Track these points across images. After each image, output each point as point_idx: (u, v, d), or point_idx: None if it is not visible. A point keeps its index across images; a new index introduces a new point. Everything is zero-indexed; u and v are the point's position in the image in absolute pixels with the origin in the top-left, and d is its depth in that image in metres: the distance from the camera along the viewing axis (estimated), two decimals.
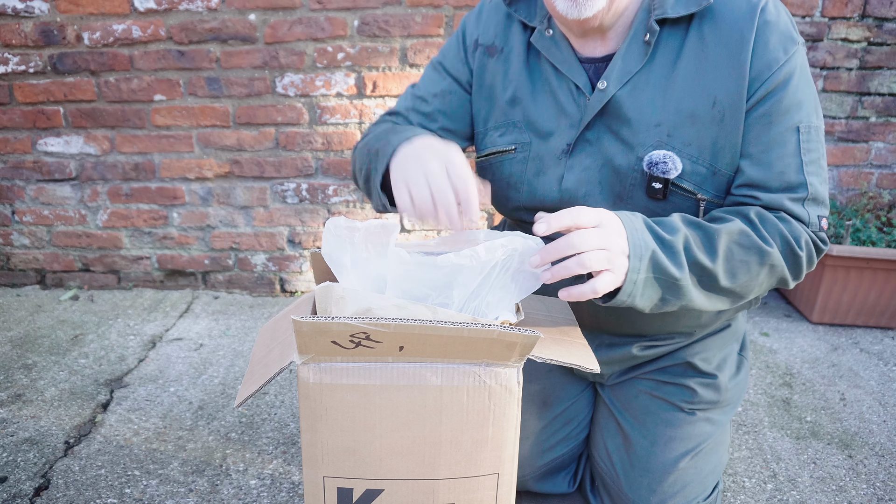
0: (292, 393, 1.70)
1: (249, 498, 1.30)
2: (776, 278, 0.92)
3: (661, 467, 1.08)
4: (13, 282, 2.46)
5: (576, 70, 1.00)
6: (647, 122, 0.96)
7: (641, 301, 0.84)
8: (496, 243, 0.82)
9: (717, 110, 0.93)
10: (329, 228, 0.82)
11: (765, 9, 0.92)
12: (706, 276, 0.87)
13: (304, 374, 0.74)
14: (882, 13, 2.08)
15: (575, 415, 1.20)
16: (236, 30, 2.12)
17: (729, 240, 0.87)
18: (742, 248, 0.88)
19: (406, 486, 0.80)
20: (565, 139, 1.02)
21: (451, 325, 0.70)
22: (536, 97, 1.05)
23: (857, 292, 2.04)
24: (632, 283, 0.81)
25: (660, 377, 1.14)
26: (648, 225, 0.85)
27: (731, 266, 0.88)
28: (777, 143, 0.92)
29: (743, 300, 0.94)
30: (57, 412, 1.58)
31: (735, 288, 0.90)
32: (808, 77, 0.94)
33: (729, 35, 0.92)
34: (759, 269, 0.89)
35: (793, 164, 0.92)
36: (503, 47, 1.08)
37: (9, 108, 2.23)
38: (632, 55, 0.96)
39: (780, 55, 0.91)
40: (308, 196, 2.32)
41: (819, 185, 0.94)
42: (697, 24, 0.94)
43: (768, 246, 0.88)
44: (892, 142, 2.23)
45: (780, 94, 0.91)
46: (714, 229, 0.88)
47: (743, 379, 1.18)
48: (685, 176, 0.96)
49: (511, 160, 1.08)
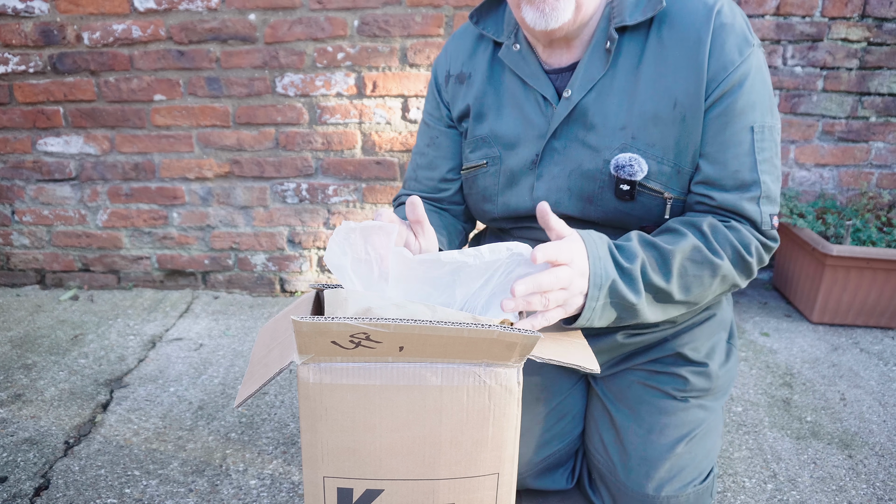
0: (292, 393, 1.70)
1: (249, 498, 1.30)
2: (728, 285, 1.00)
3: (658, 454, 1.09)
4: (13, 282, 2.46)
5: (542, 81, 1.05)
6: (611, 126, 1.00)
7: (599, 322, 0.91)
8: (501, 245, 0.82)
9: (678, 111, 0.97)
10: (334, 237, 0.83)
11: (720, 11, 0.95)
12: (661, 294, 0.94)
13: (304, 374, 0.74)
14: (882, 13, 2.08)
15: (569, 409, 1.21)
16: (236, 30, 2.12)
17: (682, 258, 0.94)
18: (695, 264, 0.94)
19: (406, 486, 0.80)
20: (533, 150, 1.07)
21: (451, 325, 0.70)
22: (502, 111, 1.10)
23: (858, 292, 2.04)
24: (590, 310, 0.88)
25: (651, 367, 1.15)
26: (612, 252, 0.91)
27: (684, 282, 0.95)
28: (732, 143, 0.97)
29: (695, 307, 1.02)
30: (57, 412, 1.58)
31: (689, 299, 0.97)
32: (763, 77, 0.98)
33: (686, 37, 0.96)
34: (711, 280, 0.96)
35: (747, 163, 0.97)
36: (471, 73, 1.14)
37: (9, 108, 2.23)
38: (594, 63, 1.00)
39: (736, 57, 0.94)
40: (308, 196, 2.32)
41: (772, 184, 0.98)
42: (656, 28, 0.98)
43: (719, 259, 0.95)
44: (892, 142, 2.23)
45: (735, 94, 0.95)
46: (668, 251, 0.93)
47: (733, 366, 1.21)
48: (651, 176, 1.00)
49: (484, 174, 1.13)
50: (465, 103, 1.15)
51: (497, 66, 1.11)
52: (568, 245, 0.85)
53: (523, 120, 1.07)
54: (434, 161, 1.21)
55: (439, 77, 1.20)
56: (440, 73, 1.20)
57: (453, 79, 1.17)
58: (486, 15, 1.12)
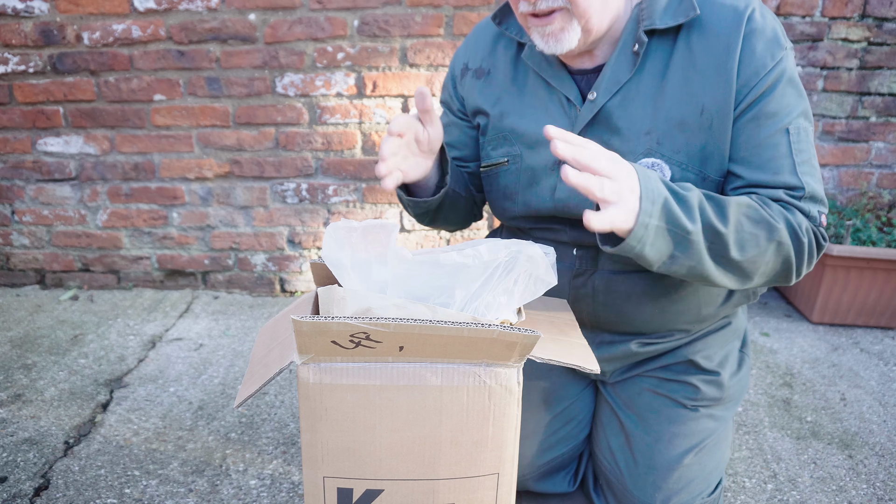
0: (292, 393, 1.70)
1: (249, 498, 1.30)
2: (782, 259, 0.92)
3: (666, 464, 1.08)
4: (13, 282, 2.46)
5: (567, 83, 1.04)
6: (636, 131, 0.98)
7: (651, 251, 0.83)
8: (500, 244, 0.82)
9: (706, 118, 0.95)
10: (329, 232, 0.82)
11: (751, 17, 0.94)
12: (717, 243, 0.86)
13: (304, 374, 0.74)
14: (882, 13, 2.08)
15: (575, 414, 1.20)
16: (236, 30, 2.12)
17: (739, 211, 0.88)
18: (751, 221, 0.88)
19: (406, 486, 0.80)
20: None
21: (451, 324, 0.70)
22: (525, 111, 1.08)
23: (858, 292, 2.04)
24: (643, 227, 0.80)
25: (662, 375, 1.14)
26: (663, 180, 0.85)
27: (740, 237, 0.87)
28: (768, 146, 0.94)
29: (749, 282, 0.93)
30: (57, 412, 1.58)
31: (743, 262, 0.89)
32: (796, 80, 0.97)
33: (716, 44, 0.94)
34: (767, 244, 0.89)
35: (786, 166, 0.94)
36: (490, 69, 1.13)
37: (9, 108, 2.23)
38: (621, 66, 0.98)
39: (768, 61, 0.93)
40: (308, 196, 2.32)
41: (815, 185, 0.95)
42: (685, 34, 0.96)
43: (775, 221, 0.89)
44: (892, 142, 2.23)
45: (767, 97, 0.93)
46: (724, 200, 0.88)
47: (744, 376, 1.19)
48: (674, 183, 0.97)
49: (505, 172, 1.12)
50: (483, 99, 1.13)
51: (521, 66, 1.10)
52: (605, 156, 0.79)
53: (547, 120, 1.05)
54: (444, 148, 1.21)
55: (456, 69, 1.20)
56: (457, 65, 1.19)
57: (471, 73, 1.16)
58: (508, 15, 1.11)
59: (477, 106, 1.15)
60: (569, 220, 1.08)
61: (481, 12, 2.10)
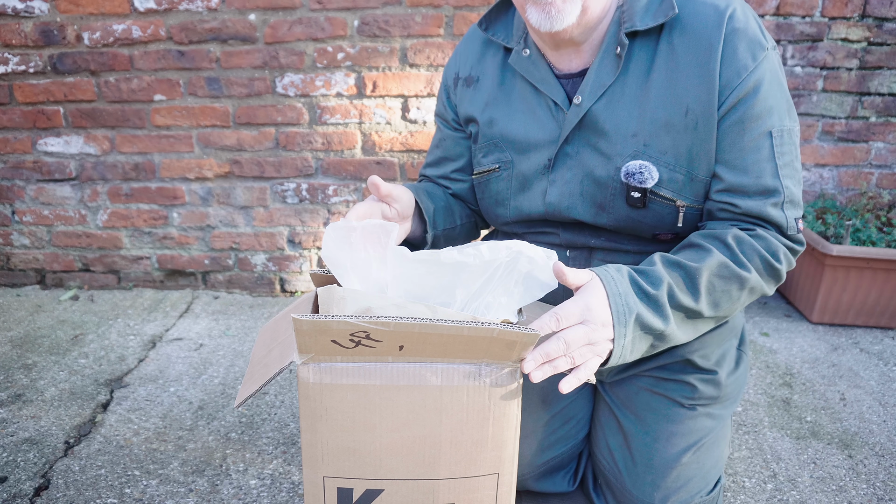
0: (292, 393, 1.70)
1: (249, 498, 1.30)
2: (757, 295, 0.99)
3: (664, 463, 1.08)
4: (13, 282, 2.46)
5: (553, 87, 1.04)
6: (623, 133, 0.99)
7: (633, 355, 0.89)
8: (501, 244, 0.82)
9: (691, 118, 0.96)
10: (329, 232, 0.82)
11: (732, 16, 0.94)
12: (691, 313, 0.93)
13: (304, 374, 0.74)
14: (882, 13, 2.08)
15: (574, 413, 1.20)
16: (236, 30, 2.12)
17: (709, 275, 0.92)
18: (722, 280, 0.93)
19: (406, 486, 0.80)
20: (546, 155, 1.07)
21: (451, 323, 0.70)
22: (513, 116, 1.09)
23: (857, 292, 2.04)
24: (620, 348, 0.86)
25: (659, 374, 1.14)
26: (633, 281, 0.88)
27: (713, 298, 0.94)
28: (751, 149, 0.95)
29: (726, 319, 1.01)
30: (57, 412, 1.58)
31: (718, 314, 0.96)
32: (779, 80, 0.97)
33: (697, 44, 0.94)
34: (739, 293, 0.95)
35: (768, 169, 0.95)
36: (479, 76, 1.14)
37: (9, 108, 2.23)
38: (605, 69, 0.99)
39: (749, 62, 0.93)
40: (308, 196, 2.32)
41: (794, 188, 0.97)
42: (667, 34, 0.97)
43: (747, 272, 0.93)
44: (892, 142, 2.23)
45: (751, 100, 0.94)
46: (695, 269, 0.92)
47: (742, 374, 1.19)
48: (663, 184, 0.99)
49: (497, 178, 1.13)
50: (473, 107, 1.15)
51: (508, 72, 1.11)
52: (582, 302, 0.83)
53: (535, 125, 1.07)
54: (440, 160, 1.25)
55: (449, 79, 1.21)
56: (449, 75, 1.21)
57: (462, 81, 1.17)
58: (494, 21, 1.12)
59: (468, 114, 1.16)
60: (560, 222, 1.10)
61: (481, 12, 2.10)
